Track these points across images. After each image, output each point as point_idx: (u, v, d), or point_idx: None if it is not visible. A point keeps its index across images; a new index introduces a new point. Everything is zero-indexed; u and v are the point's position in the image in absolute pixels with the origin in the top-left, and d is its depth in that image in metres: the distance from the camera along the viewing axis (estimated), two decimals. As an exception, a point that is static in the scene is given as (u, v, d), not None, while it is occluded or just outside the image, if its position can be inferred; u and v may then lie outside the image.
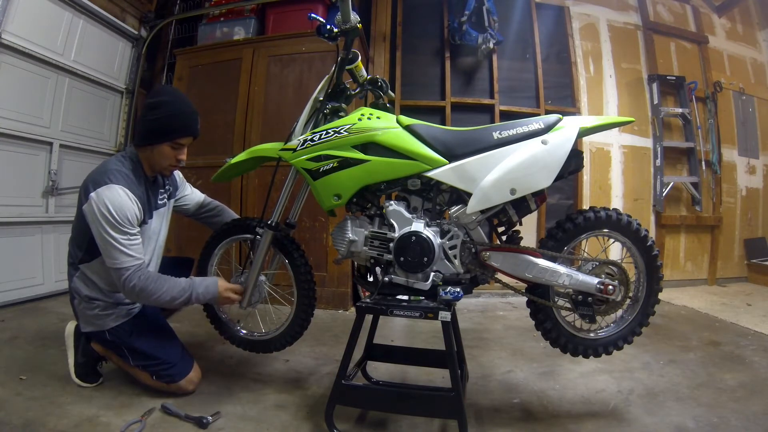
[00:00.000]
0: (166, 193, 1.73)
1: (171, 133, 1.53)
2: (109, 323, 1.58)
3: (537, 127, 1.37)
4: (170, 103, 1.54)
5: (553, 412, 1.56)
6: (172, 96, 1.57)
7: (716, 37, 4.28)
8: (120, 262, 1.43)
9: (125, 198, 1.45)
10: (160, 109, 1.52)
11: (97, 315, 1.58)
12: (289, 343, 1.69)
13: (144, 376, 1.60)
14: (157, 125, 1.52)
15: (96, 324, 1.59)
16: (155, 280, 1.48)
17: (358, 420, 1.49)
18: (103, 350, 1.67)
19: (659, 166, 3.85)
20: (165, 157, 1.57)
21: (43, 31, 2.84)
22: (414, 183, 1.43)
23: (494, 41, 3.50)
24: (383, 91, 1.55)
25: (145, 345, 1.59)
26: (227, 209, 1.95)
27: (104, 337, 1.60)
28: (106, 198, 1.42)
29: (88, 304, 1.58)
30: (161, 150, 1.55)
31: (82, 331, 1.64)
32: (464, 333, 1.88)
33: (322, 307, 2.85)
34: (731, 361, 2.05)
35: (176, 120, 1.54)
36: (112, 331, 1.58)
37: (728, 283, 4.05)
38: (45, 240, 2.94)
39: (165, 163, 1.59)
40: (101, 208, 1.41)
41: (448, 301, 1.37)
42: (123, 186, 1.46)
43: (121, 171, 1.50)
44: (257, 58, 3.16)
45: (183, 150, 1.59)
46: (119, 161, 1.55)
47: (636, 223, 1.43)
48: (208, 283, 1.57)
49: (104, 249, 1.45)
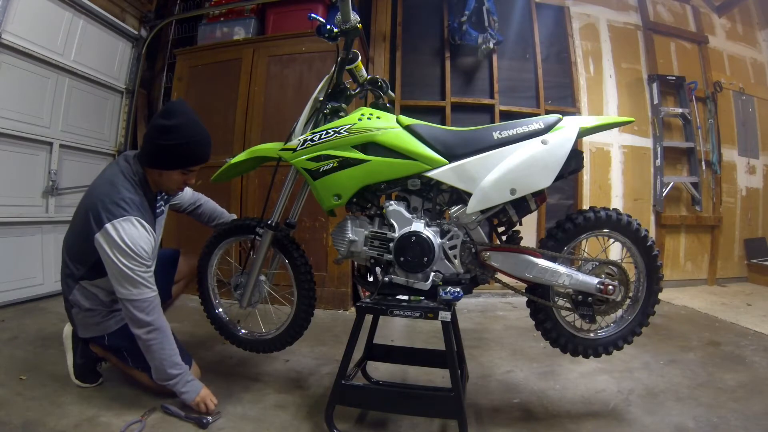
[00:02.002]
0: (162, 200, 1.71)
1: (184, 162, 1.50)
2: (112, 326, 1.57)
3: (537, 127, 1.37)
4: (185, 130, 1.46)
5: (553, 412, 1.56)
6: (186, 120, 1.47)
7: (716, 37, 4.28)
8: (140, 292, 1.41)
9: (143, 231, 1.42)
10: (173, 134, 1.44)
11: (97, 322, 1.57)
12: (289, 343, 1.68)
13: (143, 377, 1.60)
14: (169, 152, 1.46)
15: (97, 330, 1.58)
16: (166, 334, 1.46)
17: (358, 420, 1.49)
18: (102, 352, 1.67)
19: (659, 166, 3.85)
20: (173, 182, 1.54)
21: (43, 31, 2.84)
22: (414, 183, 1.43)
23: (494, 41, 3.50)
24: (383, 91, 1.55)
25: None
26: (213, 203, 1.95)
27: (103, 342, 1.60)
28: (123, 232, 1.38)
29: (89, 313, 1.56)
30: (170, 176, 1.51)
31: (80, 336, 1.63)
32: (464, 333, 1.88)
33: (322, 307, 2.85)
34: (731, 361, 2.05)
35: (190, 150, 1.48)
36: (111, 336, 1.58)
37: (728, 283, 4.05)
38: (45, 240, 2.94)
39: (173, 187, 1.56)
40: (119, 241, 1.37)
41: (448, 301, 1.37)
42: (138, 217, 1.42)
43: (134, 200, 1.45)
44: (257, 58, 3.16)
45: (193, 175, 1.57)
46: (129, 184, 1.47)
47: (636, 223, 1.42)
48: (194, 386, 1.49)
49: (119, 279, 1.40)
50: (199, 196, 1.94)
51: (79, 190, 3.22)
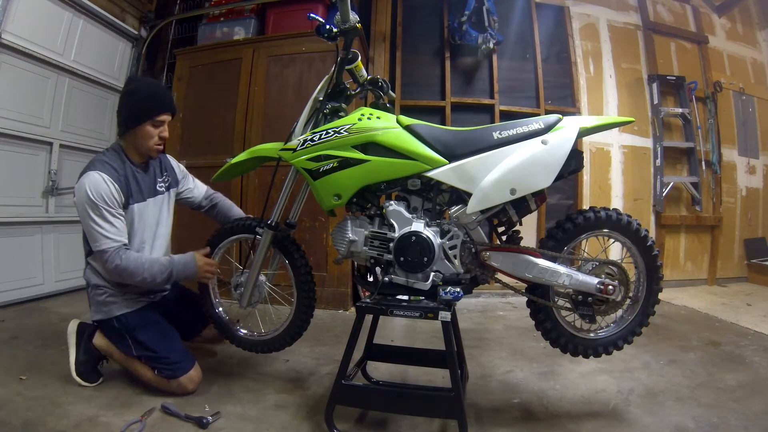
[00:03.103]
0: (164, 183, 1.78)
1: (149, 112, 1.62)
2: (115, 311, 1.64)
3: (537, 127, 1.37)
4: (143, 86, 1.67)
5: (553, 412, 1.56)
6: (143, 81, 1.73)
7: (716, 37, 4.28)
8: (100, 244, 1.52)
9: (100, 180, 1.53)
10: (134, 94, 1.63)
11: (104, 302, 1.64)
12: (289, 343, 1.68)
13: (145, 370, 1.62)
14: (135, 108, 1.62)
15: (104, 311, 1.65)
16: (135, 259, 1.55)
17: (358, 420, 1.49)
18: (106, 345, 1.69)
19: (659, 166, 3.85)
20: (148, 136, 1.64)
21: (43, 31, 2.84)
22: (414, 183, 1.43)
23: (494, 41, 3.49)
24: (383, 91, 1.55)
25: (149, 337, 1.63)
26: (229, 202, 1.98)
27: (112, 325, 1.65)
28: (83, 184, 1.52)
29: (97, 290, 1.66)
30: (143, 130, 1.63)
31: (92, 319, 1.70)
32: (464, 333, 1.88)
33: (322, 307, 2.85)
34: (731, 361, 2.05)
35: (152, 99, 1.63)
36: (119, 319, 1.64)
37: (728, 283, 4.04)
38: (45, 240, 2.94)
39: (150, 143, 1.65)
40: (80, 193, 1.52)
41: (448, 301, 1.37)
42: (99, 171, 1.54)
43: (100, 160, 1.60)
44: (257, 58, 3.16)
45: (164, 127, 1.67)
46: (102, 153, 1.65)
47: (636, 223, 1.42)
48: (186, 260, 1.64)
49: (89, 235, 1.54)
50: (214, 194, 1.97)
51: (79, 190, 3.22)
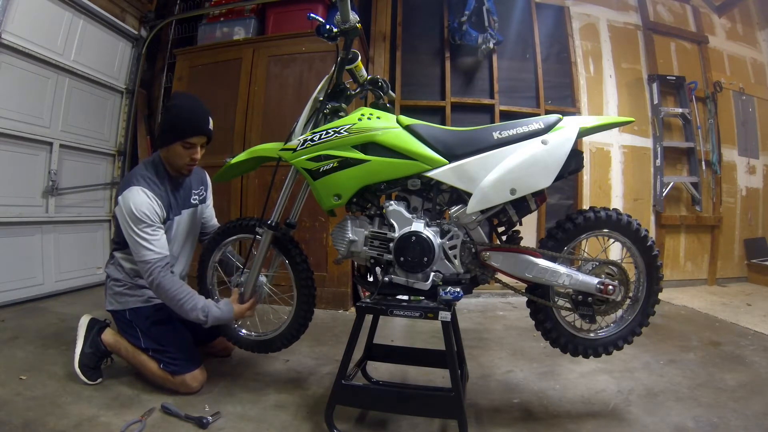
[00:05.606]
0: (198, 196, 1.85)
1: (181, 133, 1.63)
2: (130, 303, 1.70)
3: (537, 127, 1.37)
4: (182, 105, 1.68)
5: (553, 412, 1.56)
6: (184, 99, 1.74)
7: (716, 37, 4.27)
8: (142, 256, 1.55)
9: (143, 197, 1.57)
10: (172, 111, 1.67)
11: (121, 293, 1.71)
12: (289, 343, 1.68)
13: (151, 364, 1.64)
14: (169, 126, 1.66)
15: (120, 302, 1.71)
16: (175, 282, 1.57)
17: (358, 420, 1.49)
18: (114, 341, 1.71)
19: (659, 166, 3.85)
20: (179, 156, 1.67)
21: (43, 31, 2.84)
22: (414, 183, 1.43)
23: (494, 41, 3.50)
24: (383, 91, 1.55)
25: (160, 332, 1.67)
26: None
27: (124, 316, 1.70)
28: (128, 199, 1.56)
29: (115, 282, 1.72)
30: (175, 150, 1.66)
31: (106, 308, 1.74)
32: (464, 333, 1.88)
33: (322, 307, 2.85)
34: (731, 361, 2.05)
35: (185, 121, 1.64)
36: (132, 312, 1.69)
37: (728, 283, 4.04)
38: (45, 240, 2.94)
39: (180, 162, 1.68)
40: (123, 208, 1.56)
41: (448, 301, 1.36)
42: (142, 186, 1.59)
43: (142, 174, 1.64)
44: (257, 58, 3.16)
45: (195, 149, 1.68)
46: (143, 166, 1.70)
47: (636, 223, 1.42)
48: (222, 314, 1.59)
49: (132, 246, 1.58)
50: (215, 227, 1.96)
51: (79, 190, 3.23)
